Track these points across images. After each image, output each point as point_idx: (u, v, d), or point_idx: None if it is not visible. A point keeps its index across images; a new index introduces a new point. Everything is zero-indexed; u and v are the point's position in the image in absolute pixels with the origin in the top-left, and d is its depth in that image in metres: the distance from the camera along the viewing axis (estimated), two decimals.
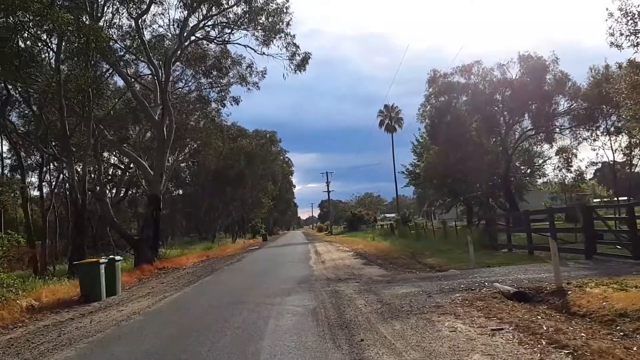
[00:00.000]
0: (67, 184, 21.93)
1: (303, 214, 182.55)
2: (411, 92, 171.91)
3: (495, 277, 10.42)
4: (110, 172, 42.65)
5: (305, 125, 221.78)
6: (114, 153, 30.50)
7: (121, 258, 14.60)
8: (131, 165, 32.10)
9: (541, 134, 39.01)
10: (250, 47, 24.69)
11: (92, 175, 26.09)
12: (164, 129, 22.61)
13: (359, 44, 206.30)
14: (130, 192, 44.62)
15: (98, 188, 23.02)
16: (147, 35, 24.25)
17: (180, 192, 58.77)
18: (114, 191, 43.59)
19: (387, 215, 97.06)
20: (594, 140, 34.93)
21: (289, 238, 67.32)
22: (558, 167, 39.97)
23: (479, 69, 38.38)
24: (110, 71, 23.95)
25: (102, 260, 12.96)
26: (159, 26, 28.81)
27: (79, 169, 21.54)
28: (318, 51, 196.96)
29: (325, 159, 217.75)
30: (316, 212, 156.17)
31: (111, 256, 14.19)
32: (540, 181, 45.82)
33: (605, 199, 48.09)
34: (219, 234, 56.54)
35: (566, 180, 41.02)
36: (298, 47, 25.25)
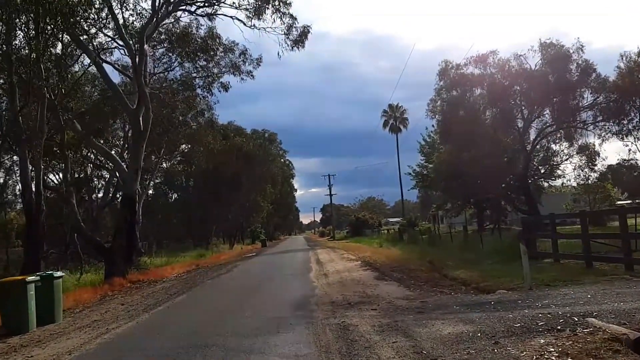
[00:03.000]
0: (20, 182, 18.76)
1: (305, 219, 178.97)
2: (416, 96, 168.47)
3: (577, 305, 7.14)
4: (97, 173, 39.63)
5: (308, 130, 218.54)
6: (91, 151, 27.22)
7: (62, 274, 11.35)
8: None
9: (561, 131, 35.82)
10: (239, 19, 21.40)
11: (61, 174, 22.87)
12: (140, 119, 19.39)
13: (363, 47, 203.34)
14: (119, 195, 41.47)
15: (64, 188, 19.82)
16: (126, 14, 21.14)
17: (176, 196, 55.70)
18: (100, 194, 40.53)
19: (390, 219, 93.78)
20: (626, 135, 31.64)
21: (289, 244, 64.01)
22: (580, 166, 36.63)
23: (495, 59, 35.20)
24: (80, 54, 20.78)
25: (30, 279, 9.70)
26: (143, 9, 25.58)
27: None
28: (322, 55, 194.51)
29: (328, 164, 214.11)
30: (318, 217, 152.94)
31: (49, 271, 10.96)
32: (559, 182, 42.31)
33: (622, 202, 44.87)
34: (216, 240, 53.23)
35: (589, 181, 37.74)
36: (295, 18, 21.90)
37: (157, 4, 19.14)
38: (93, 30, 17.59)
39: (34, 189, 16.34)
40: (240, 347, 6.45)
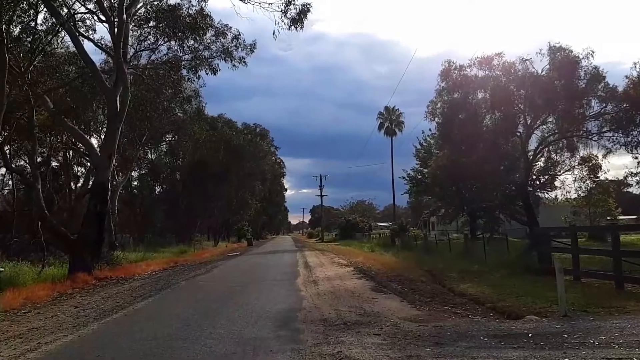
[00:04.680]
0: None
1: (294, 219, 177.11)
2: (410, 103, 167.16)
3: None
4: (78, 160, 37.60)
5: (302, 131, 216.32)
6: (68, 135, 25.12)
7: (1, 269, 9.51)
8: None
9: (563, 140, 34.43)
10: None
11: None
12: (117, 99, 17.53)
13: (361, 51, 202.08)
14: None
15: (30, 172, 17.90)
16: None
17: (161, 189, 53.61)
18: (80, 183, 38.49)
19: (380, 223, 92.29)
20: (635, 146, 30.23)
21: (276, 244, 62.11)
22: (581, 178, 35.23)
23: (500, 62, 33.68)
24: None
25: None
26: None
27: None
28: (319, 56, 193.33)
29: (319, 165, 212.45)
30: (307, 218, 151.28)
31: None
32: (558, 194, 40.81)
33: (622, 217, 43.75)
34: (200, 237, 51.19)
35: (591, 194, 36.44)
36: None
37: None
38: None
39: None
40: None
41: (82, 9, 19.96)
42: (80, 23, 20.43)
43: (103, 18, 19.60)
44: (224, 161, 41.57)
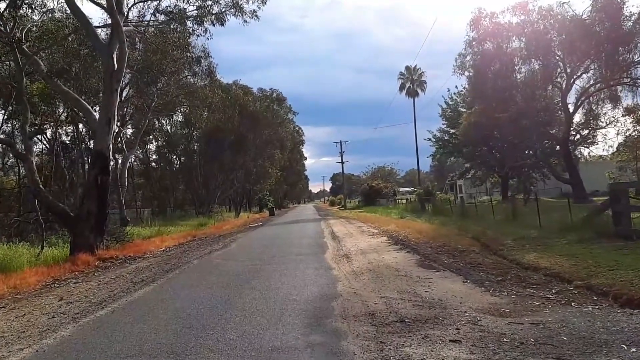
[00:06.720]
0: None
1: (315, 188, 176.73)
2: (430, 66, 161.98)
3: None
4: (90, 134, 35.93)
5: (321, 98, 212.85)
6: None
7: None
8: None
9: (605, 91, 31.56)
10: None
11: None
12: (113, 56, 15.39)
13: (379, 14, 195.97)
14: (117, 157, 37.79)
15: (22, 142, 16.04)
16: None
17: (179, 161, 52.01)
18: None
19: (402, 189, 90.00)
20: None
21: (298, 213, 60.46)
22: (627, 130, 32.37)
23: (535, 6, 30.70)
24: None
25: None
26: None
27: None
28: (336, 22, 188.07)
29: (339, 133, 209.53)
30: (328, 186, 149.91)
31: None
32: (599, 148, 37.75)
33: None
34: (220, 208, 49.66)
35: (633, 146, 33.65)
36: None
37: None
38: None
39: None
40: None
41: None
42: None
43: None
44: (240, 129, 39.46)
